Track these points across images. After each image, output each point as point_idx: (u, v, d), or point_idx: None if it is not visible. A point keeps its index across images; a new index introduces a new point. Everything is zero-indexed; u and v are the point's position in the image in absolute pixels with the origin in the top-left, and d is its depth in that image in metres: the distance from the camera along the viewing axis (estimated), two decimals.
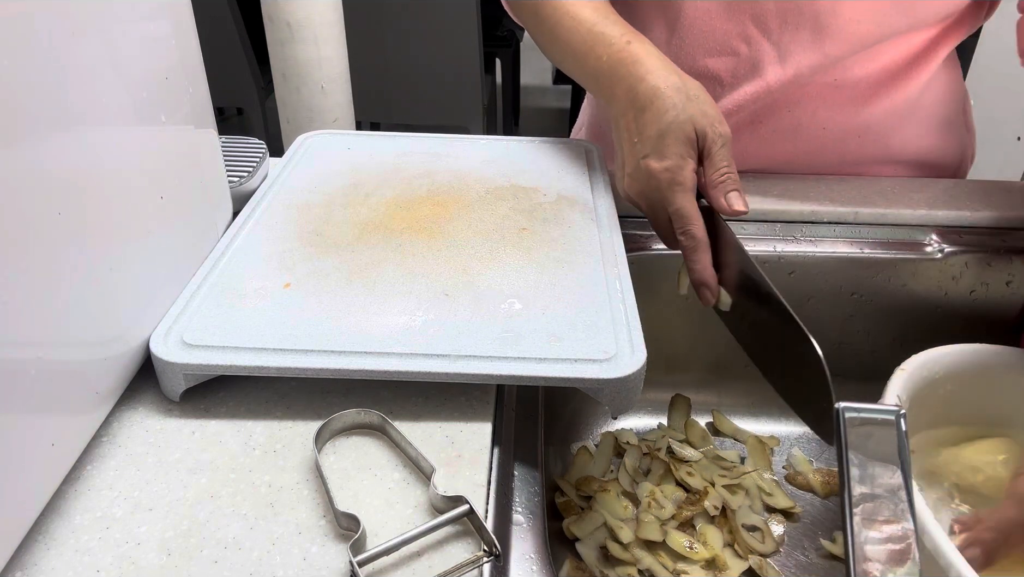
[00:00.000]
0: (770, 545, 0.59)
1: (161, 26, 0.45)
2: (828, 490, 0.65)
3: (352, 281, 0.50)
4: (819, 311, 0.69)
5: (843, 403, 0.37)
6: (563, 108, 3.32)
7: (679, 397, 0.71)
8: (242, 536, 0.37)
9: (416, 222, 0.57)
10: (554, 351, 0.44)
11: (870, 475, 0.35)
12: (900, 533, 0.33)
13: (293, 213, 0.57)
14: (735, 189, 0.53)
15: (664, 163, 0.53)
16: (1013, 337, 0.69)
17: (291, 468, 0.40)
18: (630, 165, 0.56)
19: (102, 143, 0.39)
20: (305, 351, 0.43)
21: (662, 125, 0.53)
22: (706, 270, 0.52)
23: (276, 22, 1.37)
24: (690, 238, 0.52)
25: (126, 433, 0.42)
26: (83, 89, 0.37)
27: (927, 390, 0.52)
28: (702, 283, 0.53)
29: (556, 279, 0.50)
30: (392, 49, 2.05)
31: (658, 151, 0.53)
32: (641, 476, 0.64)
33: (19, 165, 0.32)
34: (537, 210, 0.59)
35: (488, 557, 0.36)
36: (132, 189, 0.42)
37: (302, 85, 1.43)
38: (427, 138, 0.72)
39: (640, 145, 0.55)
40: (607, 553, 0.57)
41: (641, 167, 0.54)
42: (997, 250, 0.67)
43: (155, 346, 0.43)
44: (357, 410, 0.43)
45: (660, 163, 0.53)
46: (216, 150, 0.53)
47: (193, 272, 0.50)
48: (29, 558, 0.35)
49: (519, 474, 0.44)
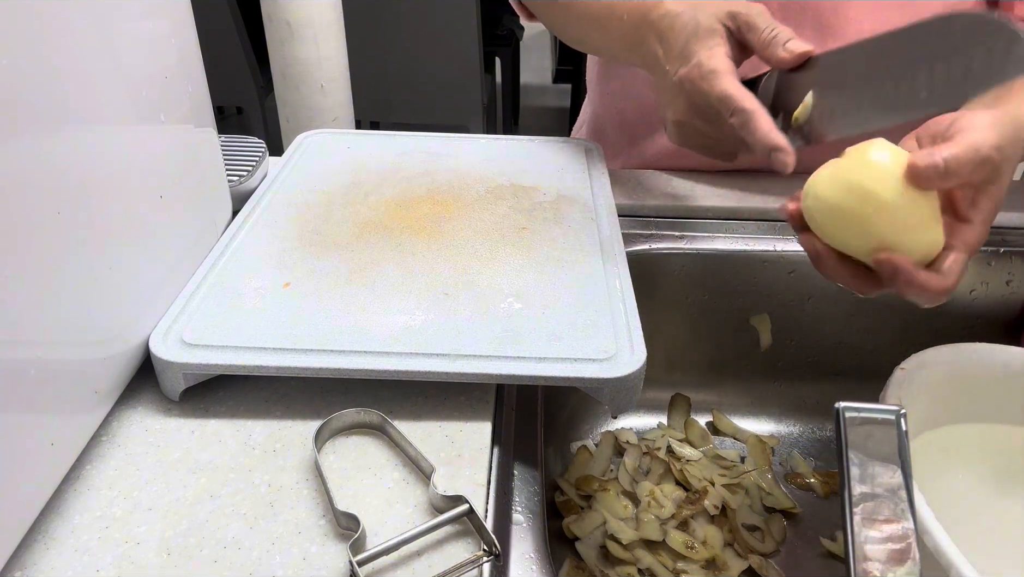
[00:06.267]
0: (770, 545, 0.59)
1: (160, 25, 0.45)
2: (828, 490, 0.65)
3: (352, 280, 0.49)
4: (819, 310, 0.69)
5: (843, 403, 0.37)
6: (563, 107, 3.31)
7: (679, 396, 0.71)
8: (242, 536, 0.37)
9: (416, 221, 0.57)
10: (554, 350, 0.44)
11: (870, 475, 0.35)
12: (900, 533, 0.33)
13: (293, 212, 0.57)
14: (790, 38, 0.50)
15: (693, 60, 0.51)
16: (1013, 337, 0.69)
17: (291, 468, 0.40)
18: (669, 95, 0.53)
19: (101, 142, 0.39)
20: (305, 350, 0.43)
21: (685, 34, 0.51)
22: (769, 133, 0.48)
23: (276, 21, 1.36)
24: (740, 112, 0.48)
25: (126, 433, 0.42)
26: (82, 88, 0.37)
27: (927, 390, 0.52)
28: (770, 149, 0.47)
29: (556, 278, 0.50)
30: (392, 48, 2.05)
31: (685, 57, 0.51)
32: (641, 475, 0.64)
33: (18, 164, 0.32)
34: (537, 209, 0.59)
35: (488, 557, 0.36)
36: (131, 188, 0.42)
37: (302, 84, 1.43)
38: (427, 137, 0.72)
39: (671, 67, 0.52)
40: (607, 552, 0.57)
41: (675, 86, 0.52)
42: (997, 250, 0.67)
43: (155, 345, 0.43)
44: (357, 409, 0.43)
45: (688, 64, 0.51)
46: (216, 149, 0.53)
47: (193, 271, 0.50)
48: (29, 558, 0.35)
49: (519, 473, 0.44)
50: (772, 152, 0.47)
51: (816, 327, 0.70)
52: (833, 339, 0.70)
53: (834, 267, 0.45)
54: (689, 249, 0.66)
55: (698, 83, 0.50)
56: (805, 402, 0.72)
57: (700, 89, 0.50)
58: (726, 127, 0.51)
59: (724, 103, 0.49)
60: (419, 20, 2.00)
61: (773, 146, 0.47)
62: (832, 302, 0.68)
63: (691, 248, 0.66)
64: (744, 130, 0.49)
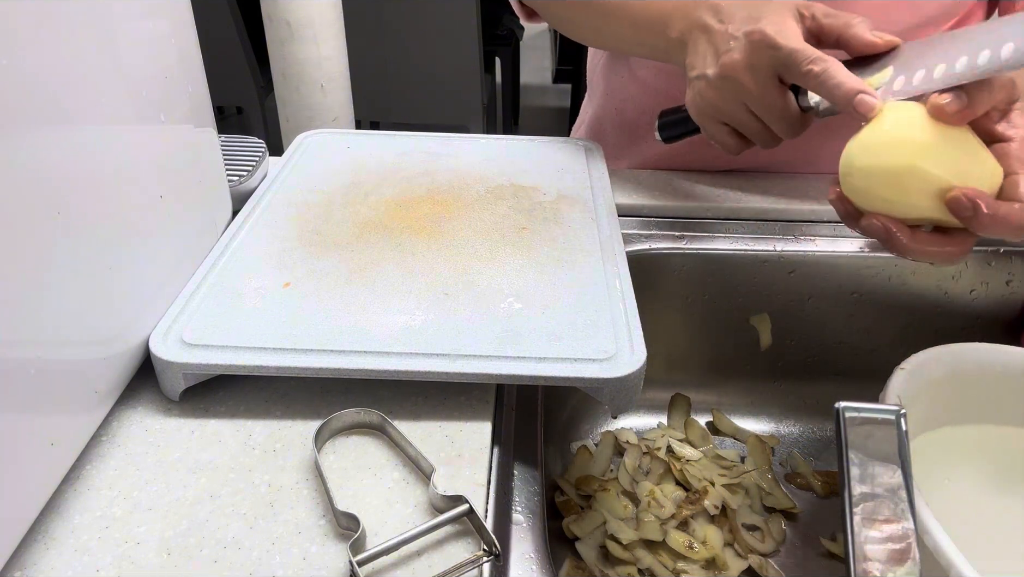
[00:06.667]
0: (770, 545, 0.59)
1: (160, 25, 0.45)
2: (828, 490, 0.65)
3: (352, 280, 0.49)
4: (819, 310, 0.69)
5: (843, 403, 0.37)
6: (563, 107, 3.32)
7: (679, 396, 0.71)
8: (242, 536, 0.37)
9: (416, 221, 0.57)
10: (554, 350, 0.44)
11: (870, 475, 0.35)
12: (900, 533, 0.33)
13: (293, 212, 0.57)
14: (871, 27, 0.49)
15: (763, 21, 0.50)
16: (1013, 337, 0.69)
17: (291, 468, 0.40)
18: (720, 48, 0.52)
19: (101, 142, 0.39)
20: (305, 350, 0.43)
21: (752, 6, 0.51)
22: (852, 78, 0.46)
23: (276, 21, 1.37)
24: (820, 60, 0.47)
25: (126, 433, 0.42)
26: (82, 88, 0.37)
27: (927, 390, 0.52)
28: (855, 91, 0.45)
29: (556, 278, 0.50)
30: (392, 48, 2.05)
31: (753, 19, 0.50)
32: (641, 475, 0.64)
33: (18, 164, 0.32)
34: (537, 209, 0.59)
35: (488, 557, 0.36)
36: (131, 188, 0.42)
37: (302, 84, 1.43)
38: (427, 137, 0.72)
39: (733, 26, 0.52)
40: (607, 552, 0.57)
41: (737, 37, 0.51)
42: (997, 250, 0.67)
43: (154, 345, 0.43)
44: (357, 409, 0.43)
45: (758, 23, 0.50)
46: (216, 149, 0.53)
47: (193, 271, 0.50)
48: (28, 558, 0.35)
49: (519, 473, 0.44)
50: (857, 95, 0.45)
51: (816, 327, 0.70)
52: (833, 339, 0.70)
53: (910, 239, 0.43)
54: (689, 249, 0.66)
55: (771, 36, 0.49)
56: (805, 402, 0.72)
57: (770, 42, 0.49)
58: (771, 94, 0.51)
59: (799, 54, 0.48)
60: (419, 20, 2.00)
61: (858, 89, 0.45)
62: (832, 302, 0.68)
63: (691, 248, 0.66)
64: (823, 77, 0.47)
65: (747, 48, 0.51)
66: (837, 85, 0.46)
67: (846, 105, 0.46)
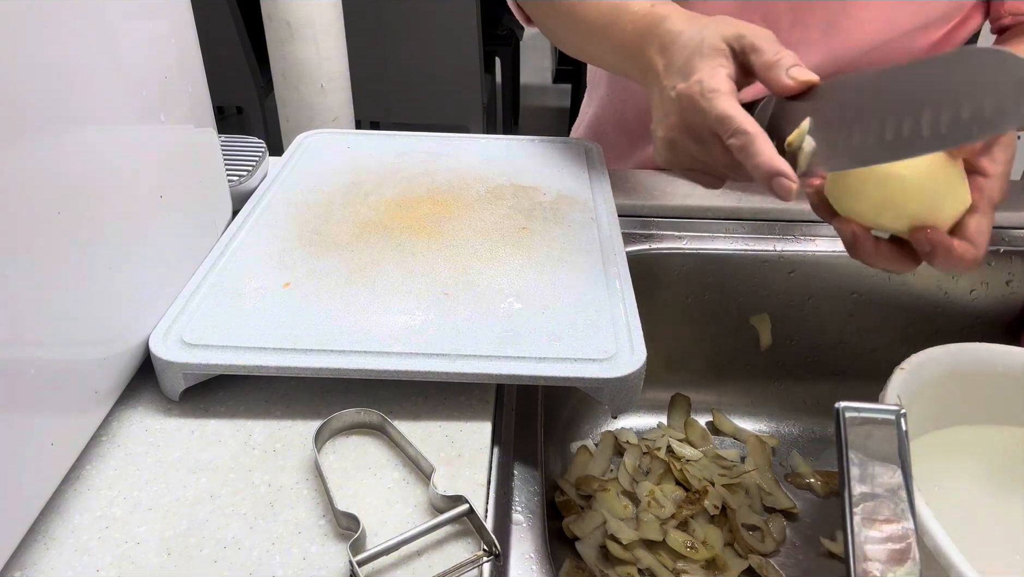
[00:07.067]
0: (770, 545, 0.59)
1: (160, 25, 0.45)
2: (828, 490, 0.65)
3: (352, 280, 0.49)
4: (819, 310, 0.69)
5: (843, 403, 0.37)
6: (563, 107, 3.32)
7: (679, 396, 0.71)
8: (242, 536, 0.37)
9: (416, 221, 0.57)
10: (554, 350, 0.44)
11: (870, 475, 0.35)
12: (900, 533, 0.33)
13: (293, 212, 0.57)
14: (795, 64, 0.47)
15: (694, 77, 0.49)
16: (1013, 337, 0.69)
17: (291, 468, 0.40)
18: (662, 111, 0.52)
19: (101, 143, 0.39)
20: (304, 350, 0.43)
21: (688, 50, 0.50)
22: (773, 159, 0.44)
23: (275, 21, 1.36)
24: (741, 134, 0.45)
25: (126, 433, 0.42)
26: (82, 89, 0.37)
27: (927, 390, 0.52)
28: (772, 174, 0.44)
29: (556, 278, 0.50)
30: (392, 48, 2.05)
31: (686, 73, 0.49)
32: (641, 475, 0.64)
33: (18, 165, 0.32)
34: (537, 209, 0.59)
35: (488, 556, 0.36)
36: (131, 188, 0.42)
37: (302, 84, 1.43)
38: (427, 137, 0.72)
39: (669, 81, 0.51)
40: (607, 552, 0.57)
41: (672, 98, 0.50)
42: (997, 250, 0.67)
43: (154, 345, 0.43)
44: (357, 409, 0.43)
45: (688, 80, 0.49)
46: (216, 149, 0.53)
47: (192, 271, 0.50)
48: (28, 558, 0.35)
49: (519, 473, 0.44)
50: (774, 178, 0.44)
51: (816, 327, 0.70)
52: (833, 339, 0.70)
53: (872, 249, 0.45)
54: (689, 249, 0.66)
55: (697, 100, 0.48)
56: (805, 402, 0.72)
57: (698, 107, 0.48)
58: (716, 150, 0.49)
59: (723, 123, 0.47)
60: (419, 20, 2.00)
61: (775, 171, 0.44)
62: (832, 302, 0.68)
63: (691, 248, 0.66)
64: (743, 153, 0.45)
65: (681, 111, 0.50)
66: (756, 166, 0.45)
67: (766, 185, 0.45)
